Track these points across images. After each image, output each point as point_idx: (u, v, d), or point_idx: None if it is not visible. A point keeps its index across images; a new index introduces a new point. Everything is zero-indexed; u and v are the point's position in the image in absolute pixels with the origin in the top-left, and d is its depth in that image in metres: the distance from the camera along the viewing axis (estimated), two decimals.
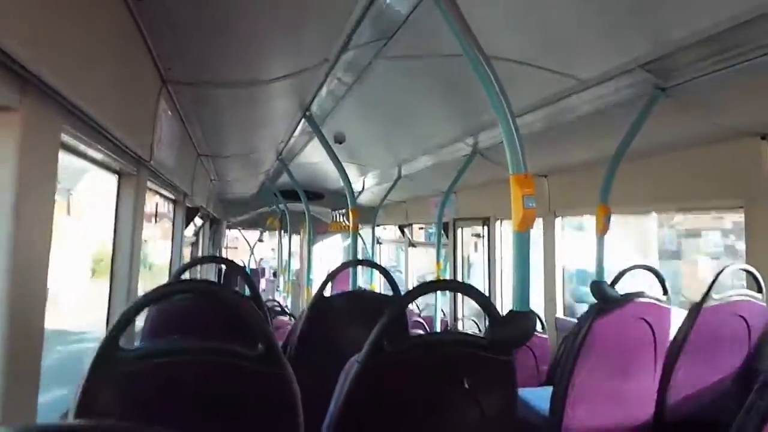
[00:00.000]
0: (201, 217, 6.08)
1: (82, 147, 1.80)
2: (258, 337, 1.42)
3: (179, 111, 2.98)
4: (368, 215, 7.42)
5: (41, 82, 1.22)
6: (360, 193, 7.35)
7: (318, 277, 6.58)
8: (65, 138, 1.57)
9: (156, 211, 5.01)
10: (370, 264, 3.30)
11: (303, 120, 3.79)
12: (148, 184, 2.85)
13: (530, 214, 1.58)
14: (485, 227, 5.84)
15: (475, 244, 6.59)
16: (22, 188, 1.23)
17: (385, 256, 10.36)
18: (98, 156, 2.04)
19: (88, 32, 1.48)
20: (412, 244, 8.36)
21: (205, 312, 2.43)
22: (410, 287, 7.91)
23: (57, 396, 2.19)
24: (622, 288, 2.67)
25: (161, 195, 4.09)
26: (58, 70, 1.26)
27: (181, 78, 2.46)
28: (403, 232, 8.44)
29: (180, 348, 1.38)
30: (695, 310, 2.43)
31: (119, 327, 1.32)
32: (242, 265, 7.05)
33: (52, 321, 1.46)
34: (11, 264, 1.20)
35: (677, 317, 2.61)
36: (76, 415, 1.22)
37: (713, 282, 2.44)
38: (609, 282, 2.65)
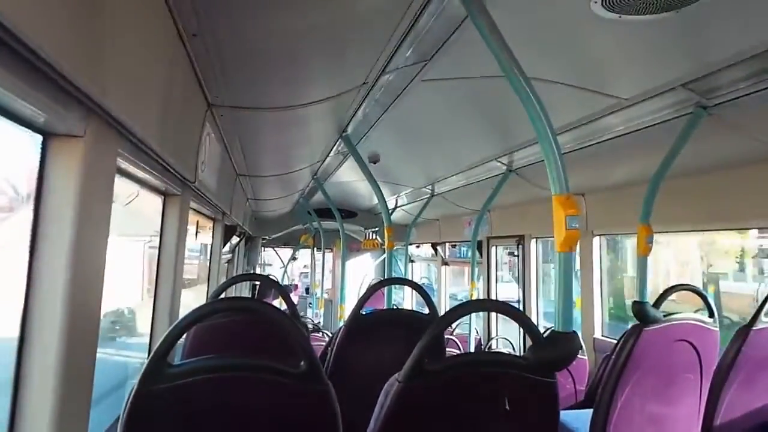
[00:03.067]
0: (237, 235, 6.20)
1: (132, 169, 1.88)
2: (300, 355, 1.45)
3: (221, 133, 3.08)
4: (401, 233, 7.45)
5: (103, 111, 1.29)
6: (392, 211, 7.39)
7: (349, 294, 6.62)
8: (118, 161, 1.65)
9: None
10: (407, 282, 3.30)
11: (339, 140, 3.86)
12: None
13: (573, 235, 1.58)
14: (519, 246, 5.79)
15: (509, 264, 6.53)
16: (83, 211, 1.30)
17: (416, 273, 10.34)
18: (146, 178, 2.13)
19: (146, 63, 1.56)
20: (446, 263, 8.33)
21: (244, 329, 2.48)
22: (442, 305, 7.87)
23: None
24: None
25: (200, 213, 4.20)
26: (118, 100, 1.33)
27: (226, 103, 2.55)
28: (436, 250, 8.42)
29: (227, 364, 1.42)
30: (743, 332, 2.35)
31: (168, 342, 1.37)
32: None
33: None
34: (71, 283, 1.26)
35: None
36: (125, 426, 1.26)
37: (763, 304, 2.36)
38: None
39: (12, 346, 1.22)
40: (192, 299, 4.35)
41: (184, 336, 2.56)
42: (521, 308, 5.64)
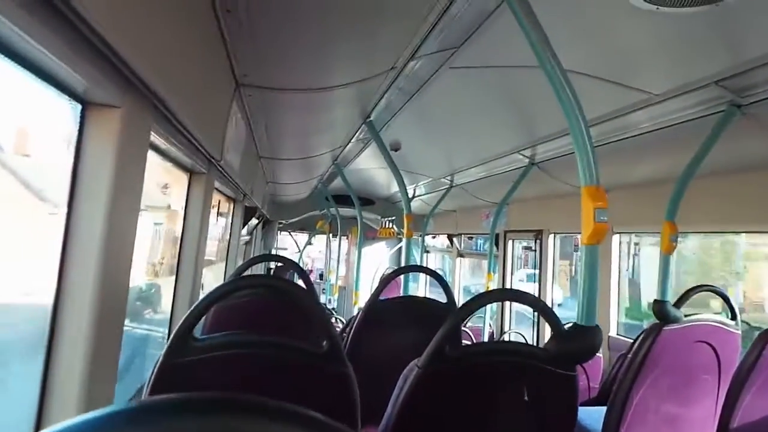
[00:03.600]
0: (256, 218, 6.25)
1: (162, 144, 1.90)
2: (323, 336, 1.46)
3: (247, 114, 3.09)
4: (417, 223, 7.44)
5: (141, 82, 1.30)
6: (410, 200, 7.38)
7: (362, 281, 6.65)
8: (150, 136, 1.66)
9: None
10: (426, 270, 3.31)
11: (362, 126, 3.86)
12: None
13: (601, 228, 1.56)
14: (537, 241, 5.75)
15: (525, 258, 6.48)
16: (117, 182, 1.31)
17: (430, 265, 10.33)
18: (175, 154, 2.15)
19: (180, 37, 1.57)
20: (461, 254, 8.31)
21: (262, 309, 2.51)
22: (457, 297, 7.86)
23: None
24: None
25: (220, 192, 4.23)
26: (154, 72, 1.34)
27: (254, 83, 2.56)
28: (451, 241, 8.39)
29: (252, 341, 1.44)
30: (766, 335, 2.32)
31: (195, 315, 1.39)
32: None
33: None
34: (104, 248, 1.29)
35: None
36: (150, 395, 1.29)
37: None
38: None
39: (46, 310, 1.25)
40: (209, 279, 4.39)
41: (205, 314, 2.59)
42: None
